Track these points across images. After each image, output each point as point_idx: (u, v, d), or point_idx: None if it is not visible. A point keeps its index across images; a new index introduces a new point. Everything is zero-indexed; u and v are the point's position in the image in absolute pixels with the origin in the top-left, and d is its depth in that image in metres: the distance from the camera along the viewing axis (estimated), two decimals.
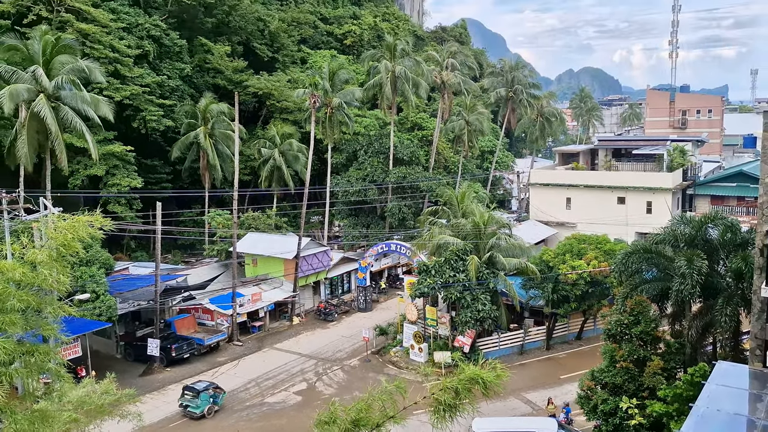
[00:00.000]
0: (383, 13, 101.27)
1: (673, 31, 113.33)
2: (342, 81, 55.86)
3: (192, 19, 61.72)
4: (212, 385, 30.34)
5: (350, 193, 57.43)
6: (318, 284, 48.00)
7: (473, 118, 67.16)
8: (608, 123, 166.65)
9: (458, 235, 35.98)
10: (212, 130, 51.57)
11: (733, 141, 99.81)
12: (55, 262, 8.87)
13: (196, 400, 29.28)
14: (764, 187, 19.71)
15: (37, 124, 35.62)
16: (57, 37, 38.42)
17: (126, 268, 42.41)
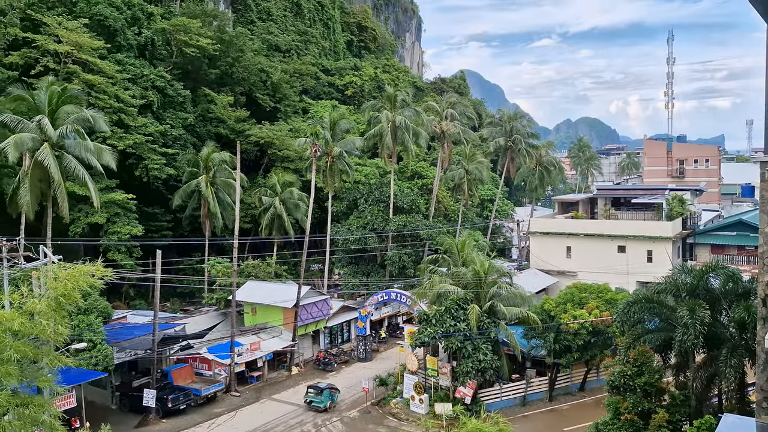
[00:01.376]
0: (384, 65, 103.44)
1: (669, 82, 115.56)
2: (343, 130, 56.59)
3: (196, 70, 63.00)
4: (331, 385, 37.06)
5: (350, 242, 57.43)
6: (317, 333, 47.51)
7: (473, 167, 67.74)
8: (606, 172, 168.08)
9: (459, 284, 35.81)
10: (214, 179, 51.96)
11: (731, 190, 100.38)
12: (54, 313, 8.82)
13: (319, 397, 35.65)
14: (764, 237, 19.71)
15: (40, 173, 35.94)
16: (63, 87, 39.15)
17: (124, 317, 42.01)
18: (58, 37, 47.16)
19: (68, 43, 47.08)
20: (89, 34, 49.41)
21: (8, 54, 46.23)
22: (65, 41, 47.05)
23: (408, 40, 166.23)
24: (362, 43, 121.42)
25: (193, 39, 59.57)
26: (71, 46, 47.18)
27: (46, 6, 50.54)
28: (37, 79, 44.02)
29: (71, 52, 47.41)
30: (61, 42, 47.07)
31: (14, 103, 37.43)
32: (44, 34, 47.28)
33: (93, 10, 52.21)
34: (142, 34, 58.72)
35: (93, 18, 51.89)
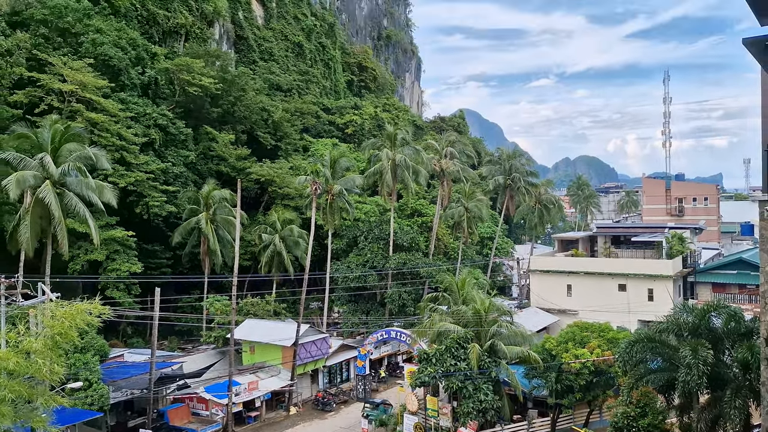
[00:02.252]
0: (384, 104, 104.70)
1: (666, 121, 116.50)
2: (343, 168, 56.93)
3: (198, 109, 63.75)
4: (385, 401, 40.65)
5: (350, 279, 57.21)
6: (316, 372, 46.95)
7: (472, 205, 67.94)
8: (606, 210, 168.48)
9: (459, 323, 35.53)
10: (214, 216, 52.07)
11: (730, 228, 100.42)
12: (51, 352, 8.73)
13: (375, 411, 38.74)
14: (765, 276, 19.65)
15: (40, 210, 36.02)
16: (66, 126, 39.57)
17: (121, 355, 41.60)
18: (63, 76, 47.85)
19: (73, 82, 47.75)
20: (94, 74, 50.14)
21: (13, 93, 46.83)
22: (70, 80, 47.72)
23: (408, 80, 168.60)
24: (363, 83, 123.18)
25: (196, 78, 60.43)
26: (75, 85, 47.84)
27: (52, 46, 51.39)
28: (41, 117, 44.49)
29: (75, 91, 48.04)
30: (66, 81, 47.74)
31: (17, 141, 37.76)
32: (49, 73, 47.98)
33: (98, 50, 53.08)
34: (146, 73, 59.59)
35: (98, 58, 52.72)
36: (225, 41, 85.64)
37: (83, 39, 53.20)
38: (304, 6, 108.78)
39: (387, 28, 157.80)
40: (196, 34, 75.50)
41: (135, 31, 62.34)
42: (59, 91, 47.87)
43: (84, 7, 55.74)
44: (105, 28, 55.83)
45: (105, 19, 58.67)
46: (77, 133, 39.87)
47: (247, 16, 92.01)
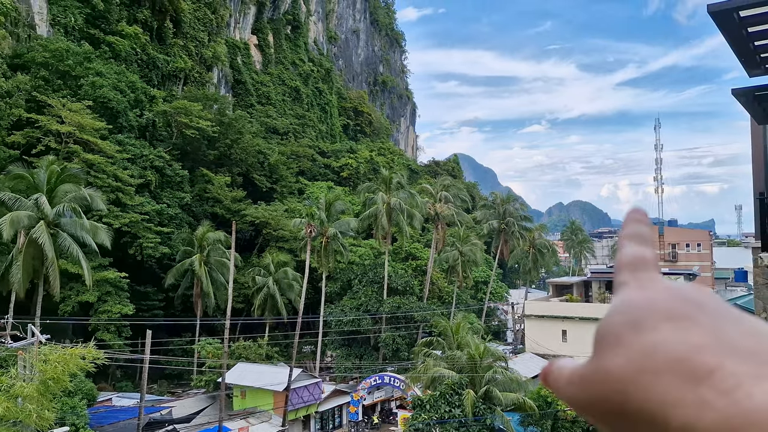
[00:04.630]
0: (379, 148, 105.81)
1: (657, 168, 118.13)
2: (338, 211, 57.08)
3: (195, 151, 64.22)
4: None
5: (344, 323, 56.72)
6: (308, 418, 46.07)
7: (467, 249, 67.96)
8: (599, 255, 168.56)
9: (454, 368, 35.15)
10: (208, 258, 51.87)
11: (724, 274, 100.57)
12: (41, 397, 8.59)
13: None
14: None
15: (33, 250, 35.85)
16: (63, 167, 39.75)
17: (109, 399, 40.87)
18: (61, 117, 48.26)
19: (71, 123, 48.15)
20: (92, 115, 50.61)
21: (11, 133, 47.13)
22: (68, 122, 48.11)
23: (403, 125, 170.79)
24: (358, 127, 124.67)
25: (194, 121, 61.05)
26: (73, 126, 48.23)
27: (52, 88, 51.99)
28: (37, 158, 44.69)
29: (73, 132, 48.41)
30: (64, 122, 48.13)
31: (13, 182, 37.83)
32: (48, 114, 48.40)
33: (97, 93, 53.71)
34: (144, 115, 60.21)
35: (97, 100, 53.30)
36: (223, 85, 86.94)
37: (83, 81, 53.87)
38: (301, 52, 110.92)
39: (383, 74, 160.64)
40: (194, 78, 76.66)
41: (135, 74, 63.22)
42: (57, 132, 48.21)
43: (85, 51, 56.64)
44: (105, 71, 56.61)
45: (105, 62, 59.54)
46: (73, 173, 40.03)
47: (245, 61, 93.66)
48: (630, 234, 0.72)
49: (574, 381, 0.64)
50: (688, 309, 0.59)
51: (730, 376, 0.51)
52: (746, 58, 9.78)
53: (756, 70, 10.37)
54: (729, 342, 0.55)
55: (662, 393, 0.53)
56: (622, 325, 0.60)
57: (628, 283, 0.67)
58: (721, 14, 8.24)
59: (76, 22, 60.49)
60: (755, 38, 9.15)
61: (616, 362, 0.58)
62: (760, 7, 8.18)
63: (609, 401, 0.58)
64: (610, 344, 0.60)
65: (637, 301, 0.62)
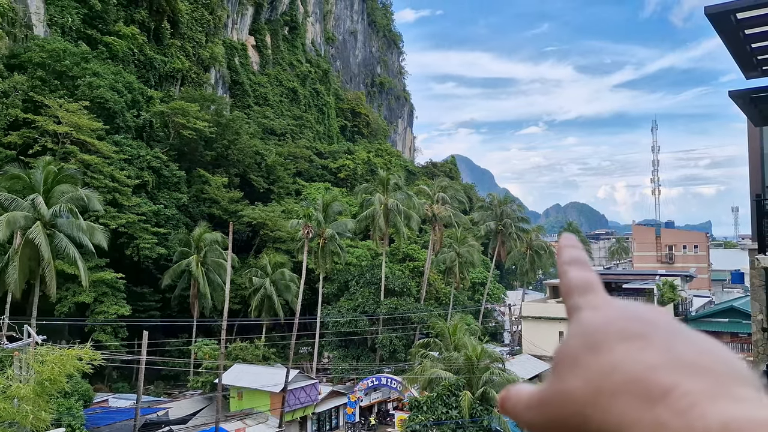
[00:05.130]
0: (376, 149, 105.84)
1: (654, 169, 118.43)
2: (335, 212, 57.05)
3: (192, 152, 64.15)
4: None
5: (341, 324, 56.69)
6: (305, 420, 46.02)
7: (464, 250, 67.97)
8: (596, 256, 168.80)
9: (451, 369, 35.14)
10: (204, 259, 51.80)
11: (721, 276, 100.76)
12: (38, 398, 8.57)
13: None
14: (756, 324, 19.69)
15: (30, 251, 35.76)
16: (59, 167, 39.68)
17: (105, 400, 40.76)
18: (58, 118, 48.16)
19: (67, 124, 48.05)
20: (89, 116, 50.51)
21: (8, 134, 47.01)
22: (65, 122, 48.01)
23: (400, 126, 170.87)
24: (356, 128, 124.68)
25: (191, 122, 60.98)
26: (70, 127, 48.13)
27: (49, 88, 51.88)
28: (34, 158, 44.59)
29: (70, 133, 48.31)
30: (61, 123, 48.03)
31: (10, 182, 37.75)
32: (44, 115, 48.30)
33: (94, 93, 53.62)
34: (141, 116, 60.13)
35: (94, 100, 53.20)
36: (220, 86, 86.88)
37: (80, 82, 53.78)
38: (299, 53, 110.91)
39: (380, 75, 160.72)
40: (192, 79, 76.58)
41: (132, 74, 63.15)
42: (54, 132, 48.11)
43: (82, 51, 56.55)
44: (102, 71, 56.52)
45: (102, 62, 59.45)
46: (70, 174, 39.98)
47: (243, 62, 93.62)
48: (569, 259, 0.74)
49: (533, 405, 0.63)
50: (643, 328, 0.60)
51: (685, 396, 0.52)
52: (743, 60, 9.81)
53: (753, 73, 10.40)
54: (684, 360, 0.55)
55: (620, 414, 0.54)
56: (580, 348, 0.61)
57: (581, 307, 0.68)
58: (719, 16, 8.26)
59: (74, 23, 60.41)
60: (752, 40, 9.18)
61: (574, 384, 0.58)
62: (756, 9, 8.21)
63: (568, 424, 0.58)
64: (568, 367, 0.60)
65: (593, 323, 0.63)
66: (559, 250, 0.77)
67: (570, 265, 0.74)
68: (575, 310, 0.68)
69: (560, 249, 0.77)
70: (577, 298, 0.69)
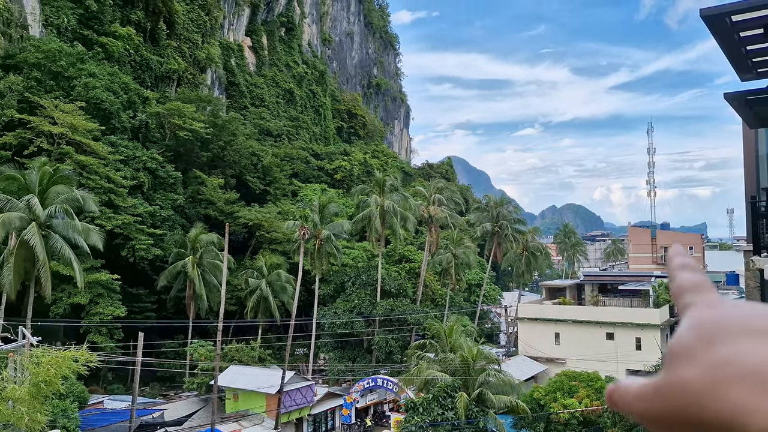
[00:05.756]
0: (372, 150, 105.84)
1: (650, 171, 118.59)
2: (331, 214, 57.02)
3: (188, 153, 64.05)
4: None
5: (337, 325, 56.64)
6: (301, 421, 45.96)
7: (460, 251, 68.02)
8: (592, 258, 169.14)
9: (446, 371, 35.15)
10: (200, 260, 51.71)
11: (716, 278, 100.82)
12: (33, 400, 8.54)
13: None
14: None
15: (25, 252, 35.65)
16: (55, 168, 39.58)
17: (100, 402, 40.65)
18: (54, 118, 48.03)
19: (63, 124, 47.92)
20: (84, 117, 50.39)
21: (3, 134, 46.88)
22: (60, 123, 47.89)
23: (396, 127, 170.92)
24: (352, 129, 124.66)
25: (187, 123, 60.89)
26: (66, 127, 48.01)
27: (44, 89, 51.75)
28: (29, 159, 44.45)
29: (65, 134, 48.19)
30: (56, 123, 47.90)
31: (5, 183, 37.62)
32: (40, 115, 48.17)
33: (90, 94, 53.50)
34: (137, 117, 60.00)
35: (89, 101, 53.09)
36: (217, 87, 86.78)
37: (76, 82, 53.66)
38: (295, 54, 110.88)
39: (377, 77, 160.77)
40: (188, 80, 76.48)
41: (128, 75, 63.04)
42: (49, 133, 47.97)
43: (78, 52, 56.42)
44: (98, 72, 56.41)
45: (98, 63, 59.35)
46: (65, 175, 39.88)
47: (239, 63, 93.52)
48: (681, 264, 0.79)
49: (645, 396, 0.66)
50: (762, 324, 0.61)
51: None
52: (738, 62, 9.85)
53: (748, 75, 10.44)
54: None
55: (736, 402, 0.55)
56: (696, 341, 0.63)
57: (695, 303, 0.70)
58: (714, 19, 8.29)
59: (69, 23, 60.27)
60: (747, 43, 9.21)
61: (690, 374, 0.60)
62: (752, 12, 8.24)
63: (684, 412, 0.60)
64: (684, 358, 0.62)
65: (709, 318, 0.65)
66: (670, 258, 0.80)
67: (681, 269, 0.78)
68: (689, 306, 0.71)
69: (671, 257, 0.80)
70: (690, 297, 0.72)
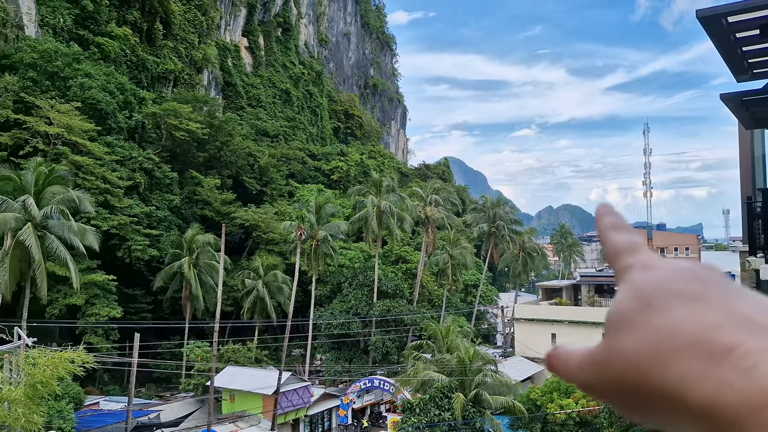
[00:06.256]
0: (369, 151, 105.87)
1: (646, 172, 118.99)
2: (328, 214, 57.00)
3: (185, 153, 63.92)
4: None
5: (333, 326, 56.60)
6: (297, 422, 45.92)
7: (457, 252, 68.05)
8: (589, 258, 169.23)
9: (443, 371, 35.17)
10: (197, 261, 51.62)
11: None
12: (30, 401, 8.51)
13: None
14: None
15: (20, 253, 35.56)
16: (51, 168, 39.47)
17: (96, 403, 40.55)
18: (50, 119, 47.90)
19: (59, 125, 47.79)
20: (80, 117, 50.27)
21: None
22: (56, 123, 47.75)
23: (393, 128, 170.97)
24: (349, 130, 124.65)
25: (183, 123, 60.76)
26: (62, 128, 47.87)
27: (40, 89, 51.60)
28: (25, 159, 44.32)
29: (61, 134, 48.05)
30: (52, 124, 47.76)
31: (0, 183, 37.51)
32: (36, 116, 48.03)
33: (86, 94, 53.38)
34: (133, 117, 59.89)
35: (85, 101, 52.96)
36: (213, 87, 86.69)
37: (72, 83, 53.53)
38: (292, 55, 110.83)
39: (373, 77, 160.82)
40: (184, 80, 76.37)
41: (124, 75, 62.92)
42: (45, 133, 47.83)
43: (74, 52, 56.26)
44: (94, 72, 56.27)
45: (94, 63, 59.20)
46: (61, 175, 39.80)
47: (236, 64, 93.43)
48: (612, 224, 0.74)
49: (587, 366, 0.64)
50: (700, 288, 0.59)
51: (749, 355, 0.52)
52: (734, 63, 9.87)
53: (744, 76, 10.47)
54: (744, 319, 0.55)
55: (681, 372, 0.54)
56: (635, 308, 0.61)
57: (631, 266, 0.67)
58: (710, 20, 8.31)
59: (65, 23, 60.14)
60: (743, 44, 9.24)
61: (632, 344, 0.58)
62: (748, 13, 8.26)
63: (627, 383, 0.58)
64: (624, 327, 0.60)
65: (647, 282, 0.62)
66: (599, 218, 0.76)
67: (612, 229, 0.73)
68: (625, 270, 0.67)
69: (599, 216, 0.76)
70: (626, 258, 0.68)
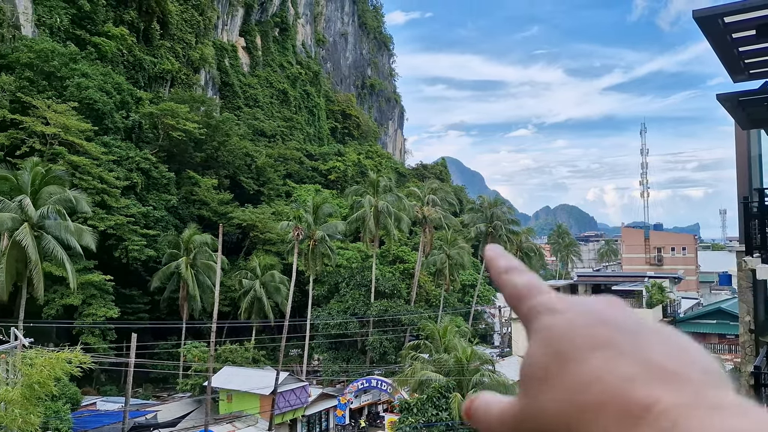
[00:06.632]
0: (366, 151, 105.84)
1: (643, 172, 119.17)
2: (325, 214, 56.99)
3: (182, 153, 63.86)
4: None
5: (331, 326, 56.59)
6: (294, 422, 45.89)
7: (454, 252, 68.08)
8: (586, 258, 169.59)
9: (441, 371, 35.18)
10: (194, 261, 51.57)
11: (708, 278, 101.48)
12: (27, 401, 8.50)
13: None
14: (744, 326, 19.83)
15: (17, 253, 35.49)
16: (47, 168, 39.42)
17: (93, 404, 40.47)
18: (46, 119, 47.80)
19: (56, 125, 47.69)
20: (77, 117, 50.17)
21: None
22: (53, 123, 47.65)
23: (391, 128, 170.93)
24: (346, 130, 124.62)
25: (180, 123, 60.69)
26: (58, 128, 47.78)
27: (37, 89, 51.48)
28: (22, 159, 44.21)
29: (58, 134, 47.95)
30: (49, 124, 47.66)
31: None
32: (32, 115, 47.91)
33: (83, 94, 53.27)
34: (130, 117, 59.80)
35: (82, 101, 52.85)
36: (210, 87, 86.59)
37: (68, 83, 53.41)
38: (289, 55, 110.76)
39: (371, 77, 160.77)
40: (181, 80, 76.29)
41: (121, 75, 62.82)
42: (42, 133, 47.73)
43: (70, 52, 56.16)
44: (91, 72, 56.16)
45: (91, 63, 59.08)
46: (58, 175, 39.75)
47: (233, 64, 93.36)
48: (507, 267, 0.69)
49: (508, 419, 0.61)
50: (609, 333, 0.57)
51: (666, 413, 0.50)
52: (731, 63, 9.90)
53: (740, 76, 10.50)
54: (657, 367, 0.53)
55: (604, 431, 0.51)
56: (547, 359, 0.58)
57: (537, 311, 0.63)
58: (707, 20, 8.33)
59: (62, 23, 60.01)
60: (739, 44, 9.26)
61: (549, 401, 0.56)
62: (744, 13, 8.28)
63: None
64: (540, 381, 0.57)
65: (556, 330, 0.59)
66: (490, 261, 0.70)
67: (508, 273, 0.68)
68: (530, 315, 0.64)
69: (490, 260, 0.71)
70: (529, 302, 0.65)
